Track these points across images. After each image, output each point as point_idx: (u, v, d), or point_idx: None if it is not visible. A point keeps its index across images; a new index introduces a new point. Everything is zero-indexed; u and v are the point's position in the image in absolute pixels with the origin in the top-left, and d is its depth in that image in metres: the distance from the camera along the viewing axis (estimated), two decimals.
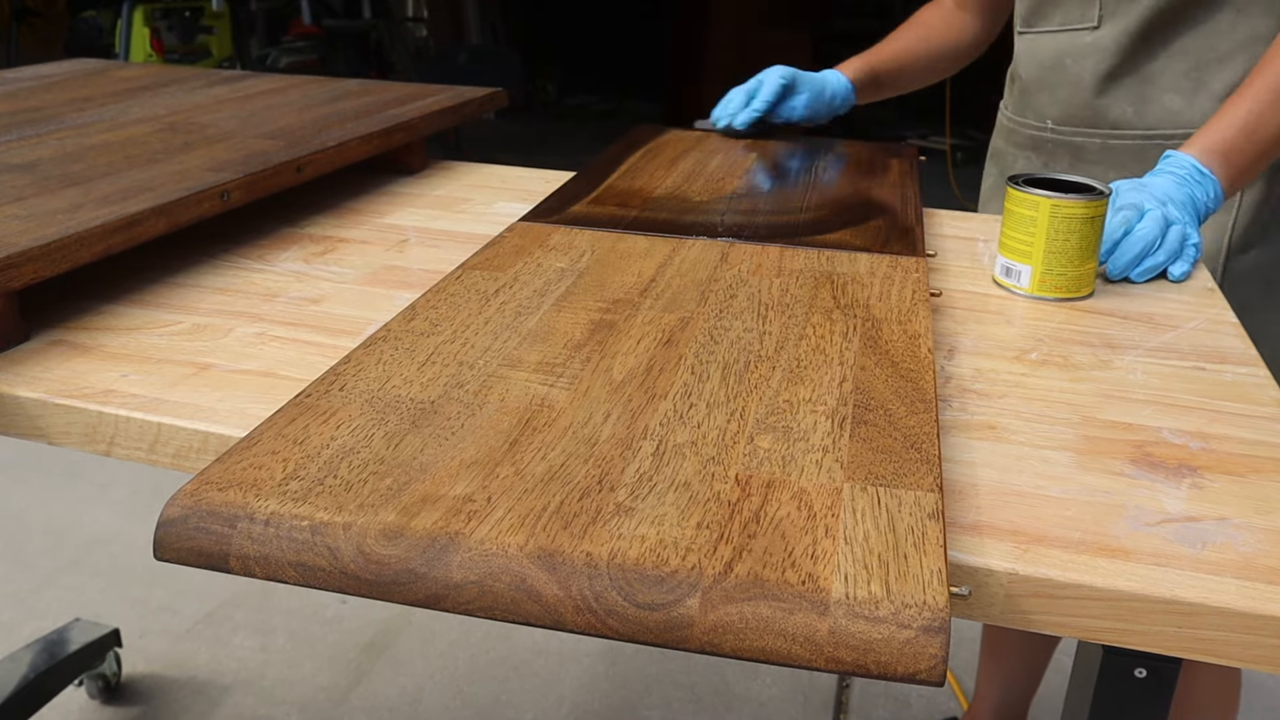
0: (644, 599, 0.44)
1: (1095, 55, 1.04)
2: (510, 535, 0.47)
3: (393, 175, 1.15)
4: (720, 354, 0.65)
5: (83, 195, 0.82)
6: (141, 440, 0.63)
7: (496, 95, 1.30)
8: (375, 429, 0.55)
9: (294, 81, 1.34)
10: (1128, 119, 1.04)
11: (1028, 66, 1.12)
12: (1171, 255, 0.87)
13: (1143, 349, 0.75)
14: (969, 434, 0.62)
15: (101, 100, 1.21)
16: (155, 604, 1.84)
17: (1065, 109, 1.08)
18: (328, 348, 0.72)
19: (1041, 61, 1.09)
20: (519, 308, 0.71)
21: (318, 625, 1.80)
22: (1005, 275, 0.85)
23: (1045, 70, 1.09)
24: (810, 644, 0.43)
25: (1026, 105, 1.14)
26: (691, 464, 0.53)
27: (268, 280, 0.84)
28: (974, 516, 0.54)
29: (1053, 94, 1.09)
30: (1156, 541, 0.53)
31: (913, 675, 0.42)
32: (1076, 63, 1.05)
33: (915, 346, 0.66)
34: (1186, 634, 0.50)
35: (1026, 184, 0.82)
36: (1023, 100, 1.15)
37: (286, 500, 0.49)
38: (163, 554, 0.48)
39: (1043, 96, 1.10)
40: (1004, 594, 0.51)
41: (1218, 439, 0.62)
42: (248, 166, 0.91)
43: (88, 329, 0.74)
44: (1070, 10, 1.06)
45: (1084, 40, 1.04)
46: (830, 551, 0.46)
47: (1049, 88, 1.09)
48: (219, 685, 1.65)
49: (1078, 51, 1.05)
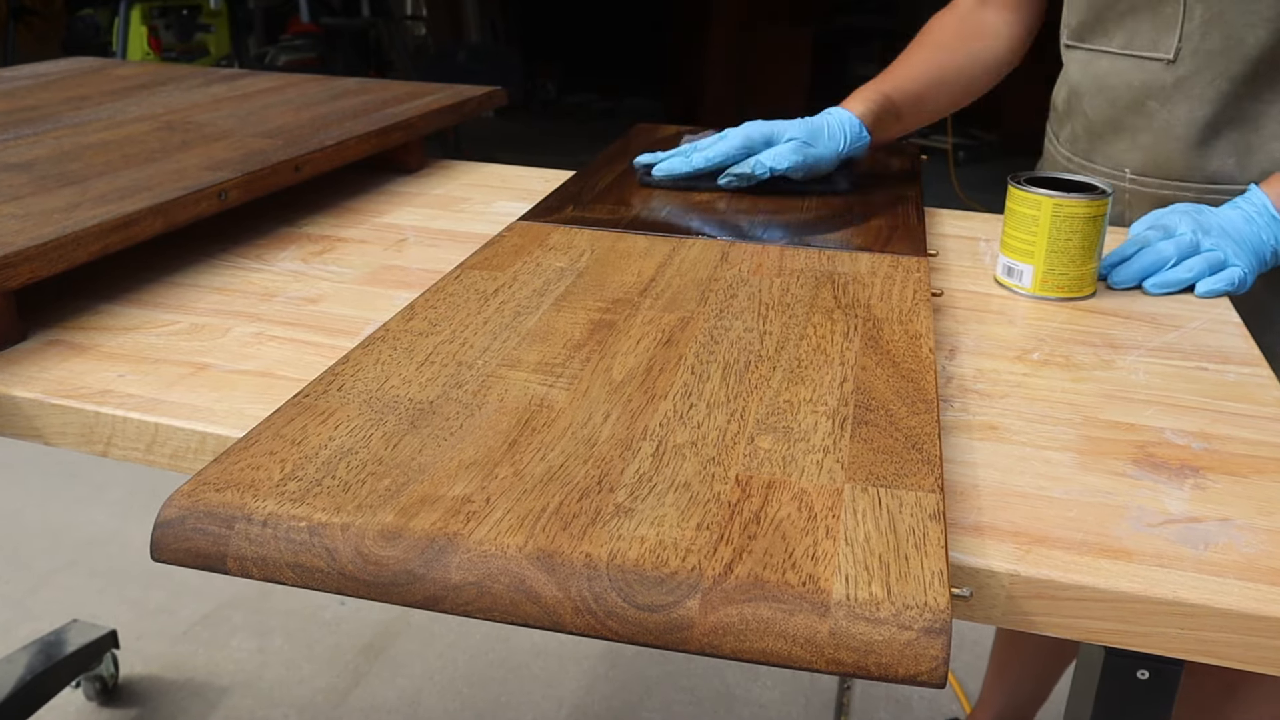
0: (644, 600, 0.44)
1: (1189, 101, 0.91)
2: (509, 536, 0.46)
3: (391, 174, 1.15)
4: (720, 354, 0.65)
5: (80, 194, 0.82)
6: (138, 441, 0.63)
7: (496, 94, 1.29)
8: (373, 429, 0.55)
9: (292, 80, 1.34)
10: (1228, 171, 0.93)
11: (1096, 102, 0.98)
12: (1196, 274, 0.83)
13: (1145, 349, 0.74)
14: (970, 434, 0.62)
15: (99, 99, 1.20)
16: (153, 605, 1.84)
17: (1150, 157, 0.95)
18: (326, 348, 0.72)
19: (1114, 100, 0.96)
20: (518, 307, 0.71)
21: (316, 627, 1.79)
22: (1007, 275, 0.85)
23: (1122, 112, 0.96)
24: (811, 646, 0.43)
25: (1095, 149, 1.00)
26: (691, 464, 0.52)
27: (265, 280, 0.84)
28: (975, 517, 0.54)
29: (1134, 140, 0.96)
30: (1159, 542, 0.52)
31: (914, 677, 0.42)
32: (1165, 108, 0.93)
33: (916, 346, 0.66)
34: (1189, 635, 0.49)
35: (1028, 183, 0.82)
36: (1090, 143, 1.01)
37: (284, 501, 0.48)
38: (160, 555, 0.48)
39: (1120, 142, 0.97)
40: (1005, 595, 0.51)
41: (1220, 439, 0.62)
42: (245, 165, 0.91)
43: (84, 329, 0.74)
44: (1139, 31, 0.93)
45: (1165, 79, 0.92)
46: (831, 553, 0.46)
47: (1129, 132, 0.96)
48: (217, 687, 1.65)
49: (1162, 93, 0.92)
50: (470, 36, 6.09)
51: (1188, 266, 0.83)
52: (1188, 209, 0.88)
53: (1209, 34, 0.90)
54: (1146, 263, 0.84)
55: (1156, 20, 0.92)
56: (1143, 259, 0.84)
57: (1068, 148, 1.05)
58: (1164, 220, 0.88)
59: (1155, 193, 0.97)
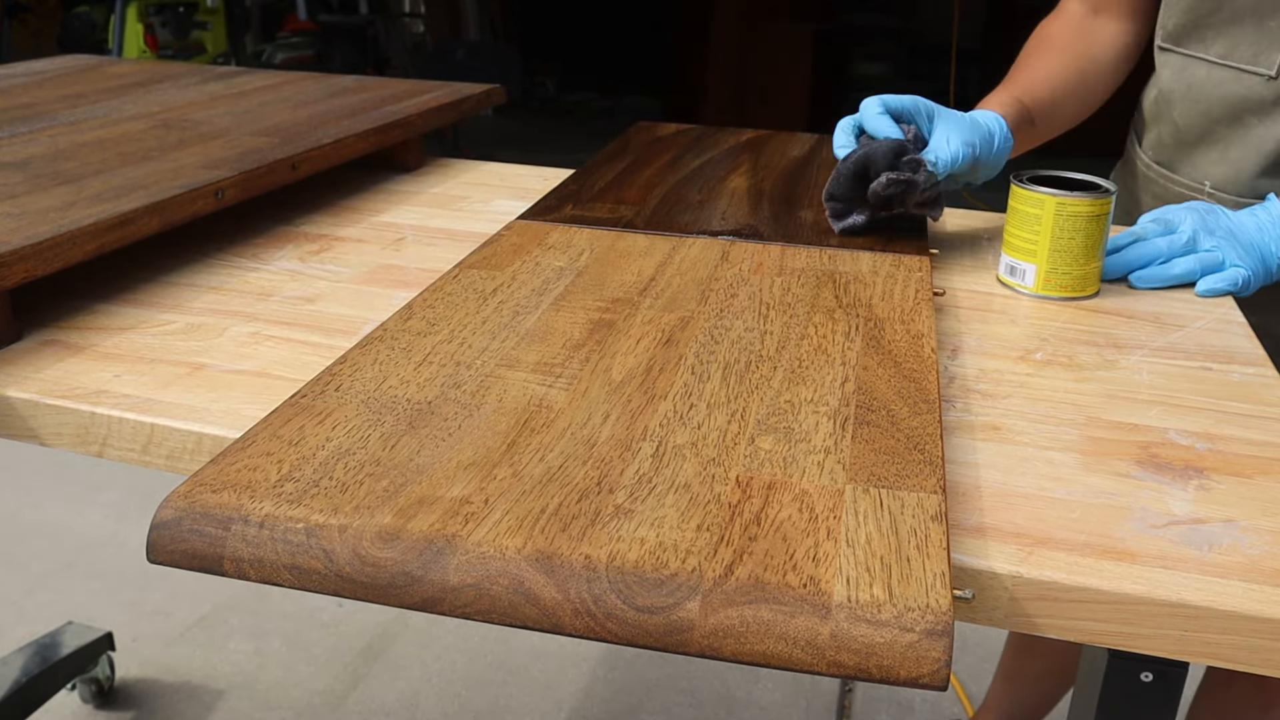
0: (643, 602, 0.44)
1: None
2: (508, 538, 0.46)
3: (389, 173, 1.14)
4: (721, 354, 0.64)
5: (75, 193, 0.82)
6: (134, 441, 0.63)
7: (494, 92, 1.29)
8: (371, 430, 0.54)
9: (289, 78, 1.34)
10: None
11: (1189, 111, 0.94)
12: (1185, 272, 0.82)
13: (1149, 349, 0.74)
14: (973, 435, 0.62)
15: (94, 97, 1.20)
16: (149, 607, 1.83)
17: (1236, 173, 0.92)
18: (323, 348, 0.71)
19: (1210, 110, 0.92)
20: (517, 307, 0.70)
21: (313, 629, 1.79)
22: (1010, 274, 0.84)
23: (1216, 124, 0.92)
24: (812, 648, 0.42)
25: (1181, 158, 0.97)
26: (691, 465, 0.52)
27: (262, 279, 0.83)
28: (978, 519, 0.54)
29: (1223, 153, 0.93)
30: (1162, 544, 0.52)
31: (916, 680, 0.42)
32: (1263, 124, 0.88)
33: (918, 346, 0.66)
34: (1193, 637, 0.49)
35: (1031, 181, 0.82)
36: (1177, 150, 0.97)
37: (281, 502, 0.48)
38: (156, 557, 0.48)
39: (1210, 153, 0.94)
40: (1008, 597, 0.50)
41: (1224, 440, 0.62)
42: (242, 164, 0.91)
43: (80, 328, 0.74)
44: (1240, 41, 0.88)
45: (1265, 95, 0.88)
46: (832, 554, 0.46)
47: (1219, 144, 0.93)
48: (213, 690, 1.65)
49: (1262, 109, 0.88)
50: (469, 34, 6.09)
51: (1177, 264, 0.83)
52: (1199, 207, 0.87)
53: None
54: (1133, 256, 0.84)
55: (1260, 32, 0.87)
56: (1132, 252, 0.84)
57: (1150, 153, 1.01)
58: (1169, 215, 0.87)
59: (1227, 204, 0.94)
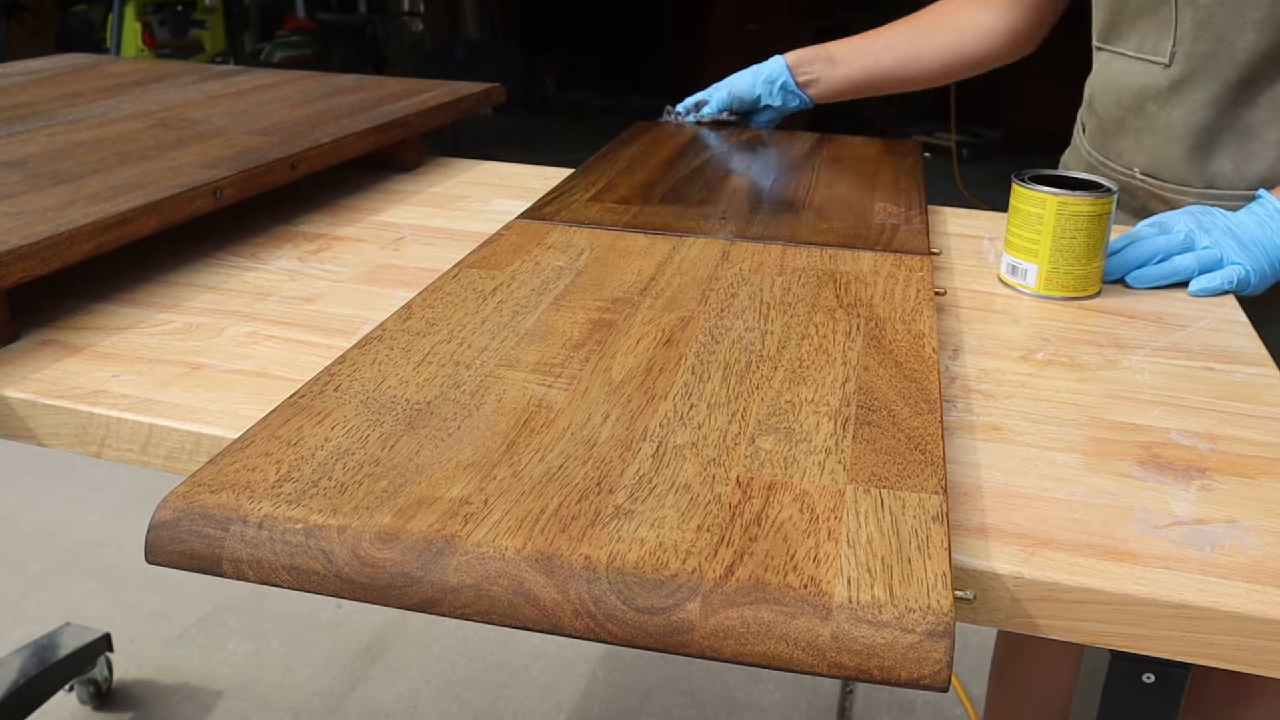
0: (643, 603, 0.43)
1: (1185, 105, 0.91)
2: (508, 538, 0.46)
3: (388, 172, 1.14)
4: (721, 354, 0.64)
5: (73, 192, 0.81)
6: (133, 441, 0.62)
7: (494, 90, 1.29)
8: (370, 430, 0.54)
9: (288, 77, 1.34)
10: (1227, 177, 0.92)
11: (1105, 101, 1.00)
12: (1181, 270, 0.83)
13: (1151, 348, 0.74)
14: (974, 435, 0.62)
15: (92, 96, 1.20)
16: (147, 608, 1.83)
17: (1154, 159, 0.96)
18: (322, 347, 0.71)
19: (1120, 100, 0.98)
20: (516, 307, 0.70)
21: (312, 630, 1.79)
22: (1011, 274, 0.84)
23: (1126, 112, 0.97)
24: (813, 649, 0.42)
25: (1108, 145, 1.02)
26: (692, 466, 0.52)
27: (261, 279, 0.83)
28: (979, 519, 0.54)
29: (1138, 140, 0.97)
30: (1165, 544, 0.52)
31: (917, 681, 0.42)
32: (1163, 110, 0.93)
33: (919, 346, 0.66)
34: (1195, 638, 0.49)
35: (1033, 181, 0.82)
36: (1103, 139, 1.02)
37: (280, 503, 0.48)
38: (154, 557, 0.48)
39: (1126, 141, 0.99)
40: (1010, 598, 0.50)
41: (1227, 440, 0.62)
42: (241, 163, 0.90)
43: (78, 328, 0.74)
44: (1148, 34, 0.93)
45: (1162, 82, 0.92)
46: (833, 555, 0.45)
47: (1133, 133, 0.98)
48: (212, 691, 1.64)
49: (1160, 96, 0.93)
50: (468, 32, 6.08)
51: (1174, 263, 0.83)
52: (1193, 210, 0.87)
53: (1200, 37, 0.89)
54: (1131, 257, 0.84)
55: (1158, 23, 0.92)
56: (1130, 253, 0.84)
57: (1089, 141, 1.06)
58: (1165, 219, 0.87)
59: (1161, 195, 0.97)
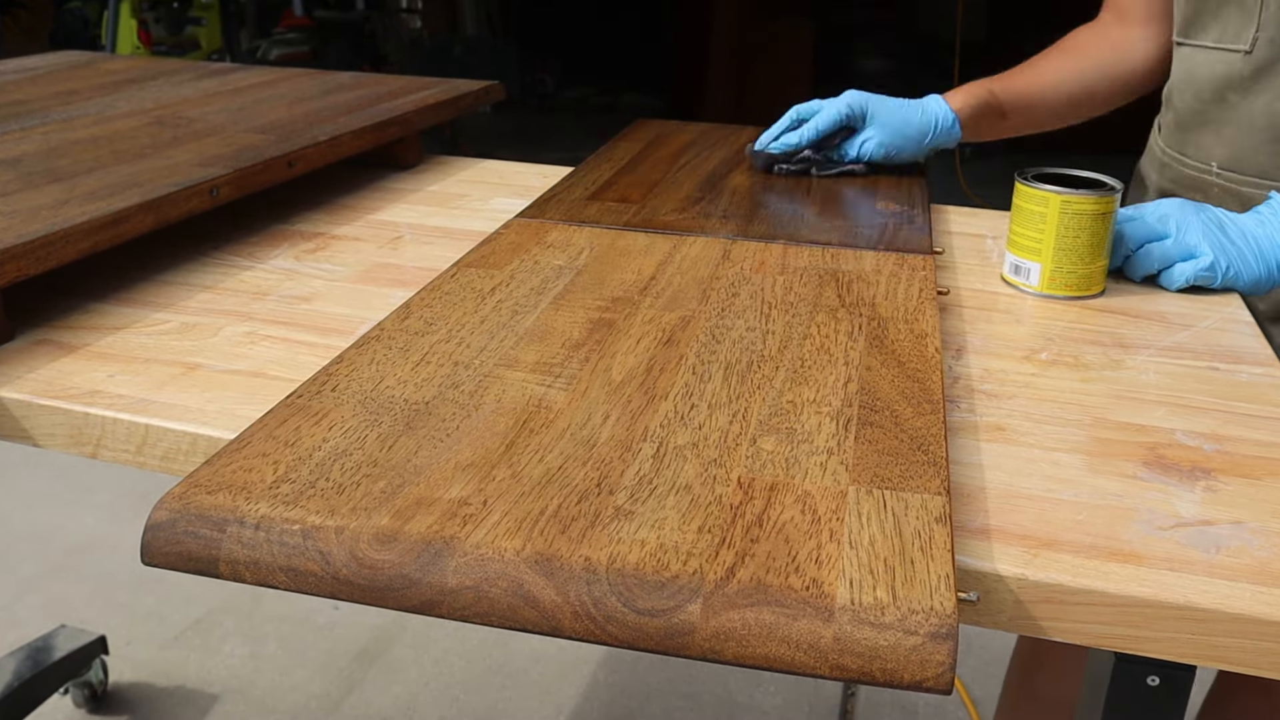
0: (644, 605, 0.43)
1: (1267, 93, 0.89)
2: (507, 539, 0.45)
3: (386, 170, 1.14)
4: (722, 354, 0.64)
5: (68, 191, 0.81)
6: (129, 442, 0.62)
7: (493, 88, 1.28)
8: (368, 430, 0.54)
9: (285, 74, 1.33)
10: None
11: (1183, 94, 0.98)
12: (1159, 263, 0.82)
13: (1155, 348, 0.74)
14: (977, 436, 0.61)
15: (87, 93, 1.19)
16: (143, 610, 1.83)
17: (1234, 151, 0.94)
18: (319, 347, 0.71)
19: (1200, 92, 0.96)
20: (516, 306, 0.70)
21: (309, 632, 1.78)
22: (1014, 273, 0.84)
23: (1207, 104, 0.95)
24: (814, 651, 0.42)
25: (1186, 140, 0.99)
26: (693, 466, 0.51)
27: (257, 278, 0.83)
28: (982, 520, 0.53)
29: (1218, 132, 0.95)
30: (1169, 546, 0.52)
31: (920, 683, 0.41)
32: (1245, 100, 0.91)
33: (922, 346, 0.65)
34: (1200, 640, 0.49)
35: (1036, 179, 0.81)
36: (1180, 134, 1.00)
37: (277, 504, 0.47)
38: (150, 559, 0.48)
39: (1206, 134, 0.96)
40: (1013, 600, 0.50)
41: (1232, 441, 0.61)
42: (237, 161, 0.90)
43: (73, 328, 0.73)
44: (1230, 24, 0.91)
45: (1243, 70, 0.90)
46: (835, 556, 0.45)
47: (1214, 126, 0.95)
48: (208, 694, 1.64)
49: (1241, 85, 0.91)
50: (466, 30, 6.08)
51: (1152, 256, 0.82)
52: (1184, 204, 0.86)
53: None
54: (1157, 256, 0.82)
55: (1242, 12, 0.91)
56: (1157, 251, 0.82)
57: (1164, 139, 1.04)
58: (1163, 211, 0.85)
59: (1238, 190, 0.95)
